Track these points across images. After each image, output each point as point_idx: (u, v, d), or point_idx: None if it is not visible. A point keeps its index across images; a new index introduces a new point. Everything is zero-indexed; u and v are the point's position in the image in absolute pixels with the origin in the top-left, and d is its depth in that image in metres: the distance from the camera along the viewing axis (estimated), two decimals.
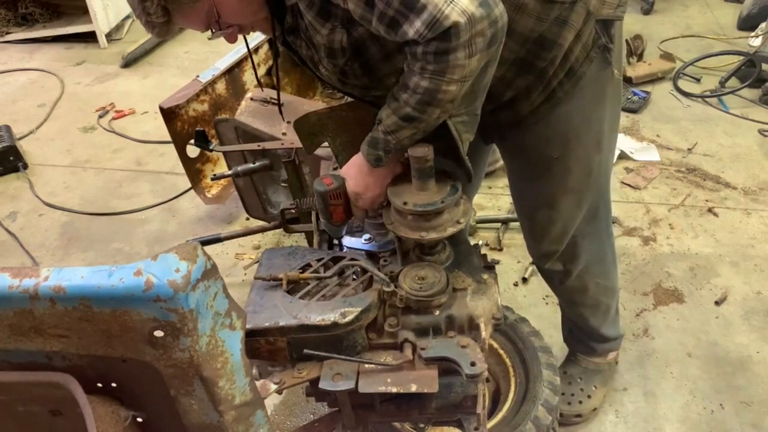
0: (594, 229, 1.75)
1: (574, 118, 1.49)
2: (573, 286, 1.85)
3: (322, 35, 1.26)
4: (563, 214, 1.65)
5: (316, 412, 2.11)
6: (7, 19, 5.69)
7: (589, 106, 1.50)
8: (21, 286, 0.82)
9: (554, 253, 1.76)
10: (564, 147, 1.52)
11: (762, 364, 2.21)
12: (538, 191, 1.64)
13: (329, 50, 1.28)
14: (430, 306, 1.27)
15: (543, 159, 1.55)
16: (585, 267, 1.80)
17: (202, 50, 5.11)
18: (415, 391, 1.18)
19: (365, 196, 1.40)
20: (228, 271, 2.81)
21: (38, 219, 3.32)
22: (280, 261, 1.41)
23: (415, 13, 1.10)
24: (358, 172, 1.39)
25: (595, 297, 1.89)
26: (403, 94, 1.23)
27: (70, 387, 0.87)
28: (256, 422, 1.04)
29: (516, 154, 1.65)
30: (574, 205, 1.64)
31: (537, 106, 1.45)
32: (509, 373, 1.92)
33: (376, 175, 1.38)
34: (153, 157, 3.77)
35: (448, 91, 1.18)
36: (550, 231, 1.69)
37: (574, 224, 1.68)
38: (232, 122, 2.49)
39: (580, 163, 1.56)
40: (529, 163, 1.61)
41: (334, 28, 1.24)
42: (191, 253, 0.82)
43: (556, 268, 1.80)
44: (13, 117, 4.24)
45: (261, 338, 1.25)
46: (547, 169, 1.57)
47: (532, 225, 1.75)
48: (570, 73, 1.41)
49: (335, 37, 1.25)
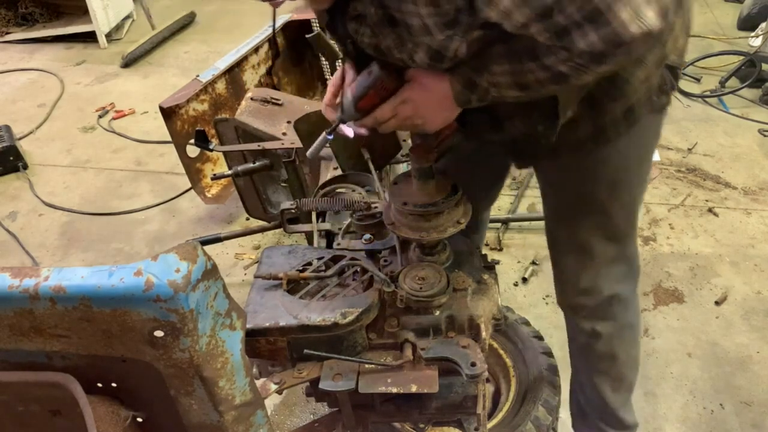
0: (630, 287, 1.61)
1: (623, 160, 1.38)
2: (601, 351, 1.67)
3: (435, 38, 1.13)
4: (596, 263, 1.51)
5: (316, 412, 2.11)
6: (7, 19, 5.69)
7: (642, 150, 1.40)
8: (21, 286, 0.82)
9: (583, 308, 1.61)
10: (609, 189, 1.41)
11: (762, 364, 2.21)
12: (573, 232, 1.50)
13: (435, 53, 1.16)
14: (431, 306, 1.27)
15: (582, 198, 1.44)
16: (617, 331, 1.64)
17: (202, 50, 5.11)
18: (415, 391, 1.18)
19: (422, 122, 1.26)
20: (228, 271, 2.81)
21: (38, 219, 3.32)
22: (280, 259, 1.41)
23: (595, 26, 0.99)
24: (434, 99, 1.23)
25: (622, 369, 1.72)
26: (531, 63, 1.11)
27: (70, 387, 0.87)
28: (256, 422, 1.04)
29: (552, 187, 1.52)
30: (611, 256, 1.51)
31: (582, 140, 1.33)
32: (509, 372, 1.92)
33: (450, 111, 1.25)
34: (153, 157, 3.77)
35: (583, 79, 1.10)
36: (580, 279, 1.54)
37: (608, 278, 1.54)
38: (232, 122, 2.49)
39: (624, 208, 1.45)
40: (565, 200, 1.49)
41: (453, 36, 1.12)
42: (191, 253, 0.82)
43: (584, 326, 1.64)
44: (13, 117, 4.24)
45: (261, 338, 1.25)
46: (585, 210, 1.44)
47: (562, 268, 1.59)
48: (628, 114, 1.30)
49: (450, 45, 1.13)
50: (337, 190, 1.71)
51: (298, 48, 3.41)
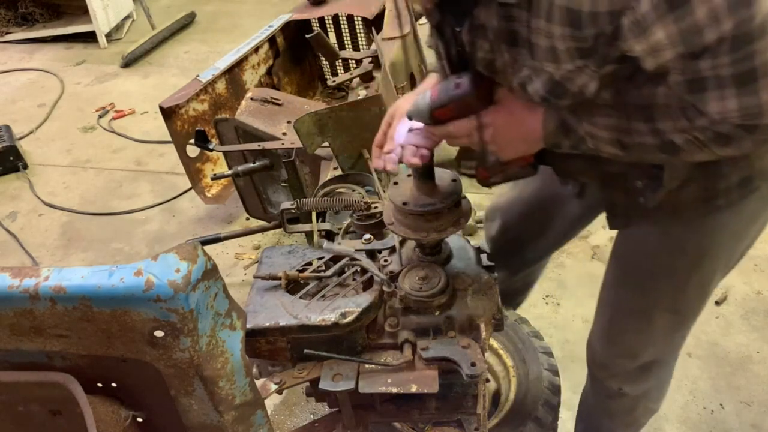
0: (673, 357, 1.52)
1: (722, 233, 1.23)
2: (620, 405, 1.59)
3: (561, 67, 0.97)
4: (653, 335, 1.39)
5: (316, 412, 2.11)
6: (7, 19, 5.69)
7: (745, 225, 1.25)
8: (21, 286, 0.82)
9: (616, 369, 1.49)
10: (695, 262, 1.26)
11: (762, 364, 2.21)
12: (637, 296, 1.36)
13: (556, 86, 0.99)
14: (431, 306, 1.27)
15: (661, 266, 1.29)
16: (645, 393, 1.55)
17: (202, 50, 5.11)
18: (415, 391, 1.18)
19: (496, 149, 1.14)
20: (228, 271, 2.81)
21: (38, 219, 3.32)
22: (280, 259, 1.41)
23: (740, 91, 0.86)
24: (519, 132, 1.11)
25: (638, 419, 1.66)
26: (641, 123, 0.98)
27: (70, 387, 0.87)
28: (257, 422, 1.04)
29: (630, 248, 1.35)
30: (670, 328, 1.38)
31: (684, 203, 1.16)
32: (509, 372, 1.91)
33: (532, 147, 1.13)
34: (153, 157, 3.77)
35: (696, 157, 0.98)
36: (628, 345, 1.43)
37: (658, 345, 1.43)
38: (232, 122, 2.49)
39: (701, 284, 1.31)
40: (642, 265, 1.33)
41: (583, 68, 0.95)
42: (191, 253, 0.82)
43: (611, 386, 1.52)
44: (13, 117, 4.24)
45: (261, 338, 1.25)
46: (660, 278, 1.30)
47: (609, 328, 1.46)
48: (744, 183, 1.13)
49: (578, 78, 0.97)
50: (337, 190, 1.71)
51: (298, 48, 3.41)
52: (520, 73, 1.04)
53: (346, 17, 3.42)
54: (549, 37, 0.94)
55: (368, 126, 1.88)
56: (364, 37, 3.43)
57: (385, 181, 1.76)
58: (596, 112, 1.02)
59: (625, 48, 0.91)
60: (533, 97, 1.04)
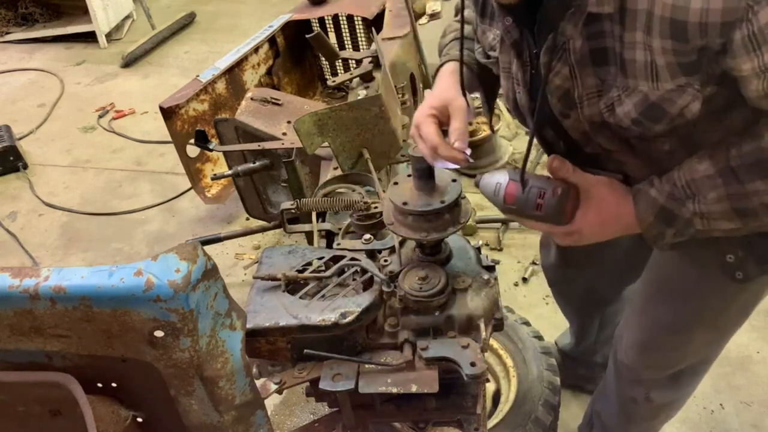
0: (706, 368, 1.46)
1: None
2: (644, 411, 1.54)
3: (660, 86, 0.87)
4: (690, 348, 1.33)
5: (316, 412, 2.11)
6: (7, 19, 5.69)
7: None
8: (21, 286, 0.82)
9: (646, 374, 1.44)
10: (745, 283, 1.17)
11: (762, 364, 2.21)
12: (678, 313, 1.28)
13: (651, 107, 0.89)
14: (430, 306, 1.27)
15: (708, 286, 1.22)
16: (671, 401, 1.51)
17: (202, 50, 5.11)
18: (415, 391, 1.18)
19: (578, 240, 1.08)
20: (228, 271, 2.81)
21: (38, 219, 3.32)
22: (280, 260, 1.41)
23: None
24: (607, 230, 1.04)
25: (655, 425, 1.64)
26: (760, 183, 0.87)
27: (70, 387, 0.87)
28: (257, 422, 1.04)
29: (677, 265, 1.25)
30: (708, 343, 1.33)
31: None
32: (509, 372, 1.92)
33: (619, 234, 1.05)
34: (153, 157, 3.77)
35: None
36: (664, 358, 1.38)
37: (693, 356, 1.37)
38: (232, 122, 2.49)
39: (746, 303, 1.24)
40: (685, 284, 1.24)
41: (686, 87, 0.86)
42: (191, 253, 0.82)
43: (636, 391, 1.47)
44: (13, 117, 4.24)
45: (261, 338, 1.25)
46: (705, 298, 1.23)
47: (646, 340, 1.38)
48: None
49: (679, 99, 0.87)
50: (337, 190, 1.71)
51: (298, 48, 3.41)
52: (608, 93, 0.93)
53: (346, 17, 3.42)
54: (648, 51, 0.85)
55: (368, 126, 1.88)
56: (364, 37, 3.44)
57: (385, 181, 1.76)
58: (705, 185, 0.91)
59: (731, 65, 0.81)
60: (623, 120, 0.93)
